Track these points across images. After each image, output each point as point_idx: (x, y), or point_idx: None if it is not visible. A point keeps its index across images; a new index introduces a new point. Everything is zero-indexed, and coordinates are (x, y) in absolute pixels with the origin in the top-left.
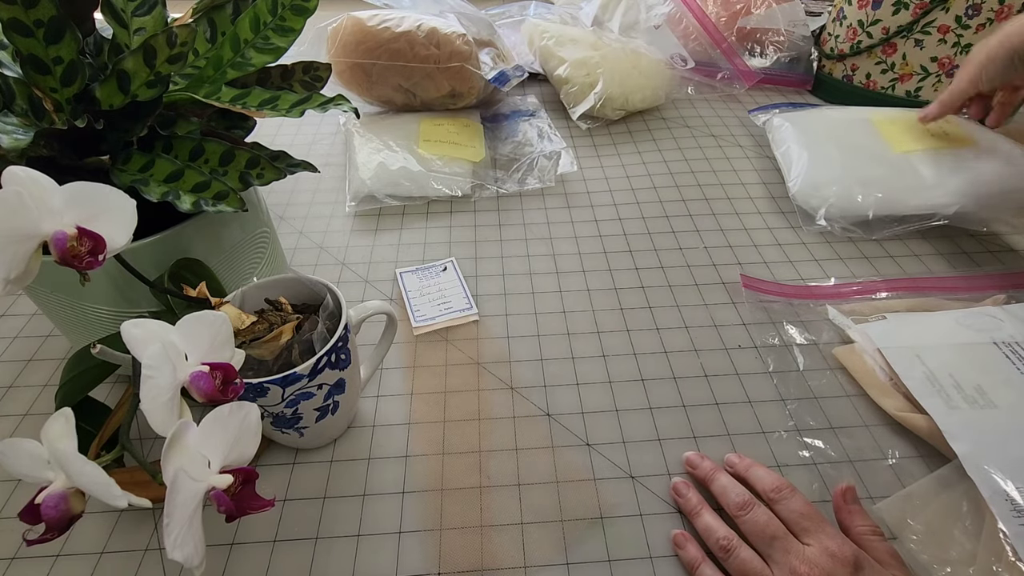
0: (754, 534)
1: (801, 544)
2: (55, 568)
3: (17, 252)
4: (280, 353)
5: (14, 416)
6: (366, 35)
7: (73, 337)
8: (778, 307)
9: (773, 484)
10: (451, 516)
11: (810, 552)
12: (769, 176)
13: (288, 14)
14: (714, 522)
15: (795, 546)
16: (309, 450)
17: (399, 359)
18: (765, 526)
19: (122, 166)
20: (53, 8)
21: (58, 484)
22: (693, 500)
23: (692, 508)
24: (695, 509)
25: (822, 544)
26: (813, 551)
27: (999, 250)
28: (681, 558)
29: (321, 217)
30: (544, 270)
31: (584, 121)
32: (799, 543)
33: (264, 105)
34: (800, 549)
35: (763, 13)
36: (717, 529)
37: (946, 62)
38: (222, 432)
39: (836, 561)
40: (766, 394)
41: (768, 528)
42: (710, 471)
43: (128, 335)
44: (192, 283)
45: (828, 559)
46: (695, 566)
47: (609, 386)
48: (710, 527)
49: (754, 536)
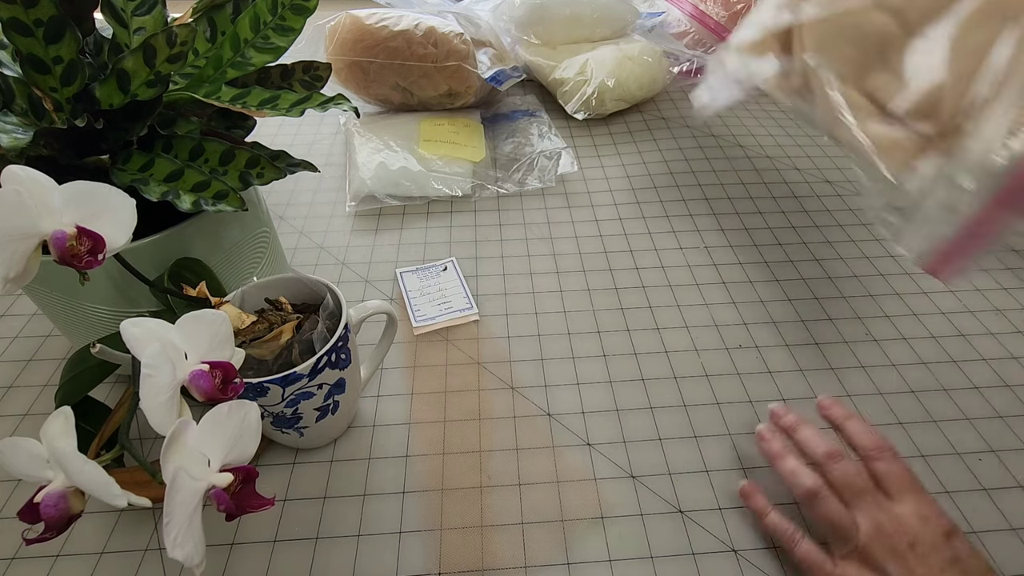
0: (843, 485)
1: (892, 502)
2: (55, 568)
3: (16, 251)
4: (280, 353)
5: (14, 416)
6: (364, 33)
7: (73, 337)
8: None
9: (875, 442)
10: (451, 516)
11: (900, 510)
12: (769, 176)
13: (288, 14)
14: (800, 468)
15: (885, 502)
16: (309, 450)
17: (399, 359)
18: (855, 478)
19: (122, 165)
20: (53, 8)
21: (57, 483)
22: (776, 445)
23: (776, 452)
24: (779, 453)
25: (916, 507)
26: (904, 510)
27: None
28: (749, 507)
29: (321, 217)
30: (544, 270)
31: (584, 111)
32: (891, 500)
33: (264, 105)
34: (890, 506)
35: None
36: (803, 475)
37: None
38: (222, 431)
39: (927, 525)
40: (767, 394)
41: (859, 481)
42: (796, 421)
43: (128, 334)
44: (192, 283)
45: (918, 521)
46: (764, 514)
47: (610, 386)
48: (796, 472)
49: (842, 487)
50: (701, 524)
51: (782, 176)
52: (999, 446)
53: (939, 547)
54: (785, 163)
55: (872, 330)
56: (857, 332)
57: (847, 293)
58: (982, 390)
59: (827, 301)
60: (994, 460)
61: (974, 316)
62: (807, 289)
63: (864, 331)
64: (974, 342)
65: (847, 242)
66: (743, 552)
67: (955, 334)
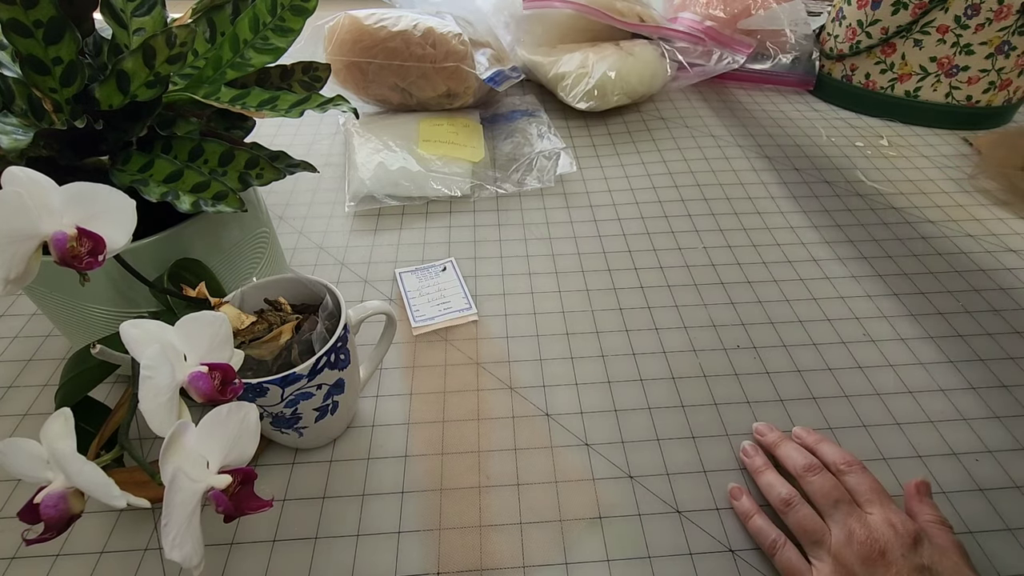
0: (818, 495)
1: (864, 512)
2: (54, 568)
3: (17, 252)
4: (279, 353)
5: (14, 416)
6: (363, 33)
7: (73, 337)
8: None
9: (844, 458)
10: (450, 516)
11: (871, 519)
12: (768, 176)
13: (287, 14)
14: (777, 480)
15: (857, 511)
16: (308, 450)
17: (398, 359)
18: (830, 490)
19: (122, 166)
20: (53, 8)
21: (57, 484)
22: (759, 461)
23: (757, 468)
24: (760, 468)
25: (884, 515)
26: (875, 519)
27: None
28: (736, 509)
29: (320, 217)
30: (543, 270)
31: (585, 101)
32: (861, 510)
33: (263, 105)
34: (862, 515)
35: (764, 14)
36: (779, 486)
37: (945, 62)
38: (221, 432)
39: (896, 533)
40: (765, 394)
41: (833, 492)
42: (778, 439)
43: (127, 336)
44: (192, 283)
45: (888, 528)
46: (749, 517)
47: (608, 386)
48: (772, 484)
49: (817, 498)
50: (699, 524)
51: (781, 176)
52: (996, 447)
53: (908, 554)
54: (784, 163)
55: (869, 330)
56: (855, 332)
57: (844, 294)
58: (979, 391)
59: (824, 302)
60: (991, 461)
61: (972, 317)
62: (805, 290)
63: (862, 331)
64: (971, 343)
65: (845, 242)
66: (740, 552)
67: (952, 335)
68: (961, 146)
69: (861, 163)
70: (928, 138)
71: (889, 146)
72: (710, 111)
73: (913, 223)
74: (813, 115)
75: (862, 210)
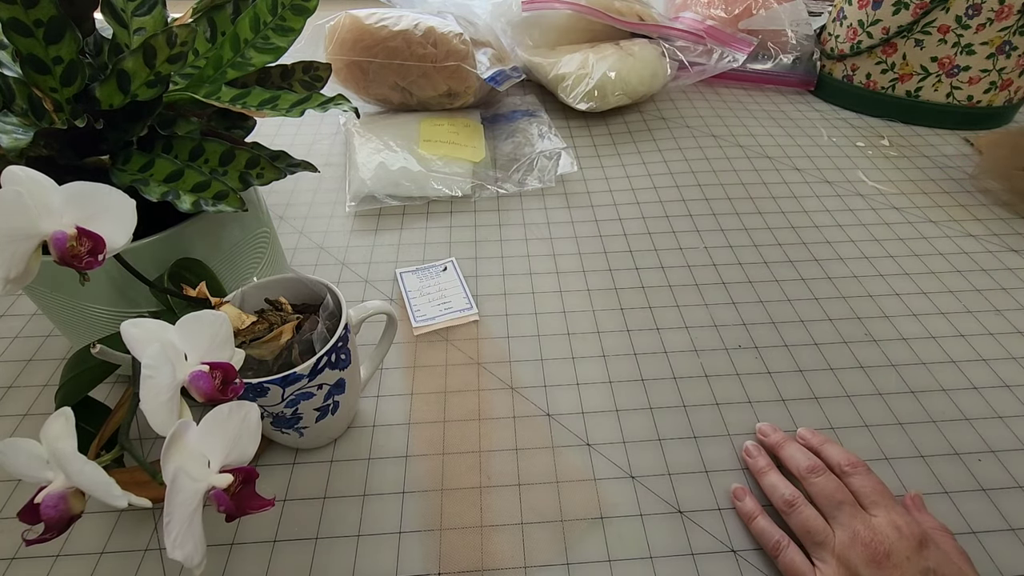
0: (821, 497)
1: (868, 514)
2: (55, 568)
3: (17, 252)
4: (280, 353)
5: (14, 416)
6: (363, 33)
7: (73, 337)
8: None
9: (848, 459)
10: (451, 516)
11: (876, 521)
12: (769, 176)
13: (288, 14)
14: (780, 482)
15: (861, 513)
16: (309, 450)
17: (399, 359)
18: (834, 491)
19: (122, 166)
20: (53, 8)
21: (57, 484)
22: (762, 462)
23: (760, 468)
24: (763, 469)
25: (889, 517)
26: (880, 521)
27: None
28: (739, 510)
29: (321, 217)
30: (544, 270)
31: (585, 102)
32: (866, 512)
33: (264, 105)
34: (866, 516)
35: (765, 14)
36: (783, 487)
37: (946, 62)
38: (222, 432)
39: (901, 535)
40: (767, 394)
41: (837, 494)
42: (781, 439)
43: (127, 335)
44: (192, 283)
45: (893, 531)
46: (752, 518)
47: (609, 386)
48: (775, 485)
49: (821, 499)
50: (700, 524)
51: (782, 176)
52: (998, 446)
53: (913, 557)
54: (785, 163)
55: (871, 330)
56: (856, 332)
57: (846, 293)
58: (981, 390)
59: (826, 301)
60: (993, 460)
61: (973, 316)
62: (806, 289)
63: (863, 331)
64: (973, 342)
65: (846, 242)
66: (742, 552)
67: (955, 334)
68: (962, 146)
69: (862, 163)
70: (929, 138)
71: (890, 146)
72: (711, 111)
73: (914, 223)
74: (814, 115)
75: (863, 210)
